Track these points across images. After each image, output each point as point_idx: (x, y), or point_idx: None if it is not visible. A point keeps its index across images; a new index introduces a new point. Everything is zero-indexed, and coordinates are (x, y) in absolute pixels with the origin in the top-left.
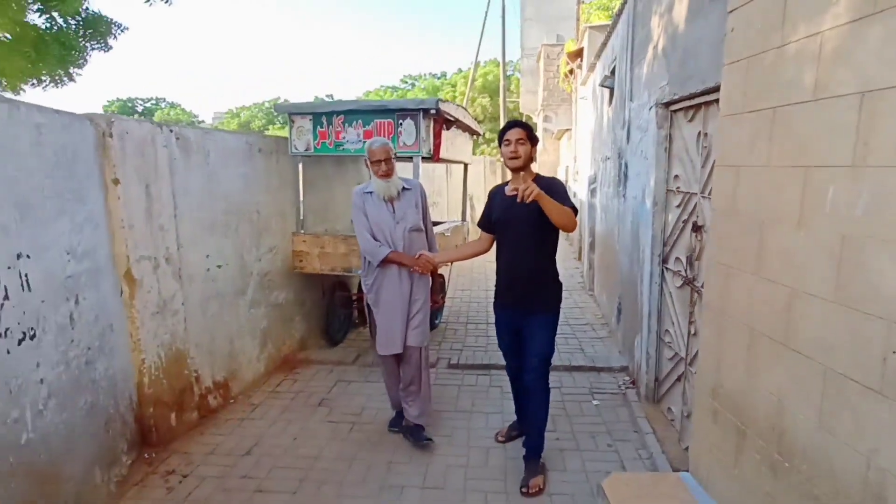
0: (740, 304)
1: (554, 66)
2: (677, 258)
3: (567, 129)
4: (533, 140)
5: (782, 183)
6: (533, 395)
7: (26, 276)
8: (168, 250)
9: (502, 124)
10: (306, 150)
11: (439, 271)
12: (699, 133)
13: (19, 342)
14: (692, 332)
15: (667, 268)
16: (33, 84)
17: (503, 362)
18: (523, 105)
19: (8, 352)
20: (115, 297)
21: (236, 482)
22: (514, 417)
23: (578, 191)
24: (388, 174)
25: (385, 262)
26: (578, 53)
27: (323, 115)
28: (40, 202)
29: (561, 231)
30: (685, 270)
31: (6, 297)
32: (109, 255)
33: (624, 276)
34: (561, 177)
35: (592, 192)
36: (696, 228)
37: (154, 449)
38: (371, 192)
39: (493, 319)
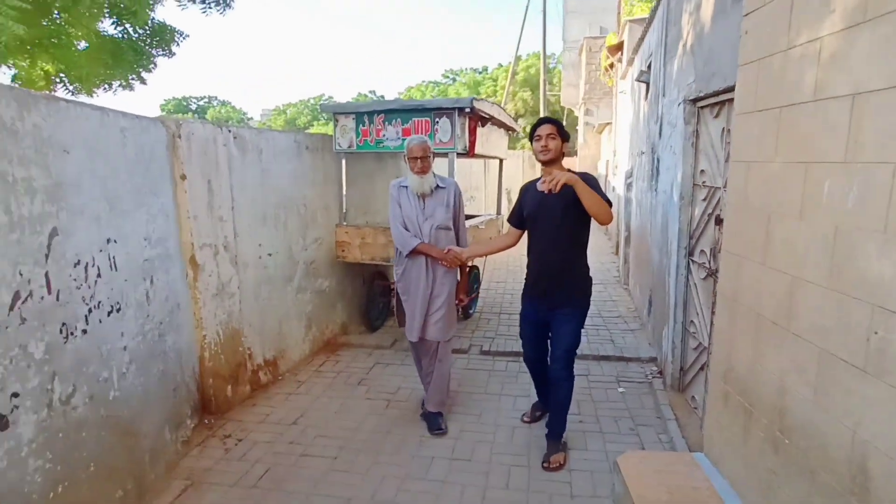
0: (749, 291)
1: (596, 59)
2: (702, 251)
3: (608, 123)
4: (563, 135)
5: (786, 178)
6: (558, 384)
7: (114, 258)
8: (226, 239)
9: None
10: (349, 147)
11: (473, 263)
12: (723, 129)
13: (108, 314)
14: (714, 322)
15: (692, 260)
16: (105, 88)
17: None
18: (564, 98)
19: (100, 321)
20: (181, 280)
21: (284, 447)
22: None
23: (617, 185)
24: (423, 171)
25: (414, 252)
26: (619, 47)
27: (365, 114)
28: (124, 196)
29: (599, 225)
30: (709, 262)
31: (99, 276)
32: (177, 243)
33: (655, 269)
34: (601, 171)
35: (629, 186)
36: (719, 221)
37: (212, 416)
38: (406, 186)
39: None
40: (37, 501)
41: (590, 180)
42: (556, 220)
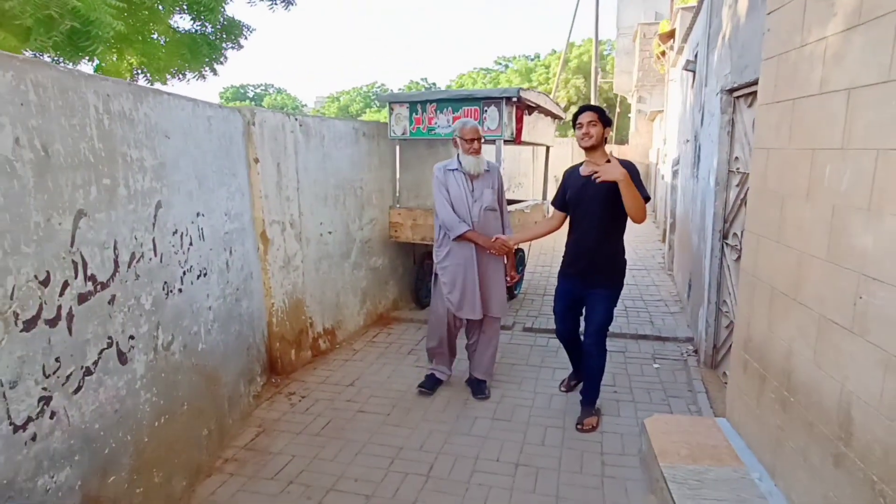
0: (766, 267)
1: (650, 46)
2: (734, 234)
3: (660, 111)
4: (605, 122)
5: (797, 162)
6: (590, 357)
7: (202, 229)
8: (292, 217)
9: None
10: (403, 134)
11: (518, 246)
12: (755, 118)
13: (198, 277)
14: None
15: (726, 243)
16: (179, 78)
17: None
18: (617, 86)
19: (192, 283)
20: (254, 252)
21: (343, 404)
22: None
23: (665, 173)
24: (478, 152)
25: (461, 238)
26: (671, 35)
27: (418, 103)
28: (210, 175)
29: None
30: (741, 245)
31: (191, 244)
32: (251, 219)
33: (694, 253)
34: (651, 159)
35: (675, 174)
36: None
37: (279, 376)
38: (454, 170)
39: None
40: (146, 427)
41: (632, 171)
42: (597, 207)
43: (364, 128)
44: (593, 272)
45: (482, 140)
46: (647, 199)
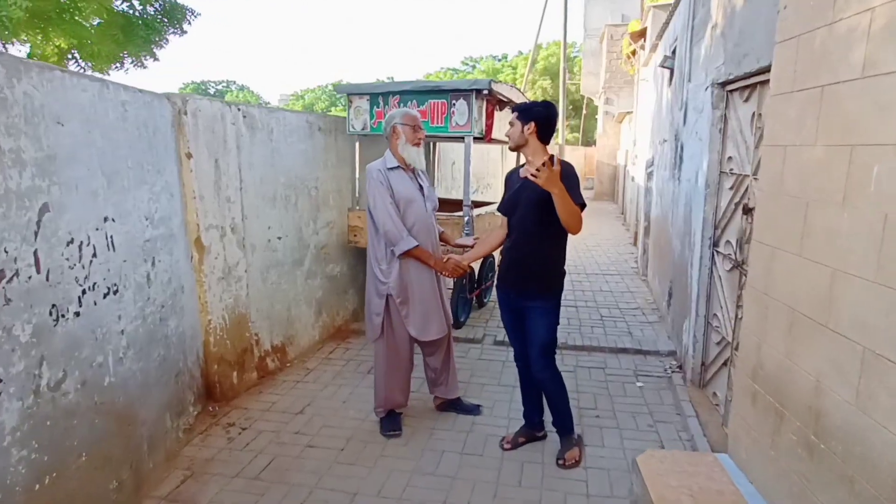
0: (783, 284)
1: (617, 47)
2: (727, 241)
3: (628, 112)
4: (524, 118)
5: (828, 162)
6: (544, 386)
7: (111, 237)
8: (234, 220)
9: (561, 107)
10: (363, 129)
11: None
12: (753, 114)
13: (104, 296)
14: (739, 316)
15: (717, 251)
16: (116, 67)
17: None
18: (584, 87)
19: (95, 303)
20: (186, 262)
21: (290, 437)
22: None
23: (637, 175)
24: (420, 144)
25: (406, 255)
26: (642, 34)
27: (380, 95)
28: (124, 172)
29: (567, 225)
30: (735, 254)
31: (94, 255)
32: (182, 223)
33: (676, 260)
34: (620, 161)
35: (649, 175)
36: (747, 211)
37: (217, 403)
38: (394, 168)
39: None
40: (20, 494)
41: (571, 175)
42: (531, 212)
43: (319, 121)
44: (528, 280)
45: None
46: (581, 206)
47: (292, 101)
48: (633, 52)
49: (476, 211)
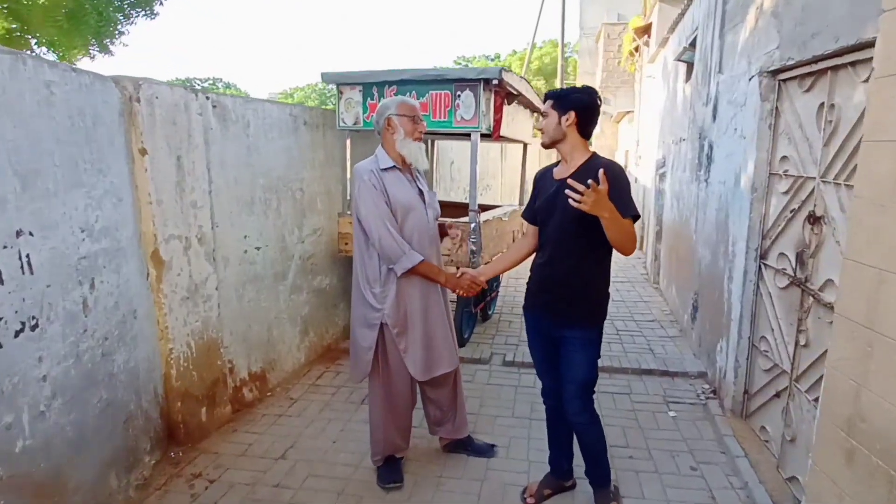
0: None
1: (614, 46)
2: (782, 254)
3: (628, 112)
4: (562, 107)
5: None
6: (578, 432)
7: (27, 256)
8: (201, 229)
9: None
10: (355, 123)
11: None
12: (822, 105)
13: (16, 333)
14: (801, 342)
15: (765, 264)
16: (81, 58)
17: None
18: None
19: (1, 346)
20: (139, 280)
21: (267, 492)
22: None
23: (640, 176)
24: (421, 137)
25: (411, 272)
26: (646, 29)
27: (374, 85)
28: (48, 172)
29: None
30: (793, 269)
31: (1, 283)
32: (135, 234)
33: (703, 270)
34: (620, 161)
35: (661, 177)
36: (815, 220)
37: (181, 447)
38: (389, 168)
39: None
40: None
41: (620, 181)
42: (571, 221)
43: (305, 115)
44: (564, 303)
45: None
46: (635, 217)
47: (281, 99)
48: (636, 49)
49: (483, 216)
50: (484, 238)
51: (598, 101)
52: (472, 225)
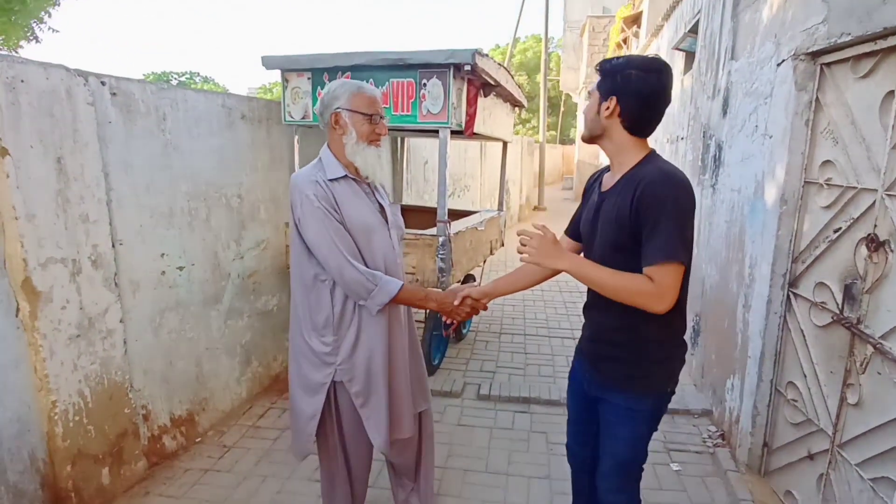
0: None
1: (599, 40)
2: (821, 283)
3: None
4: (607, 90)
5: None
6: None
7: None
8: (96, 249)
9: (542, 104)
10: (303, 117)
11: (470, 272)
12: (889, 94)
13: None
14: (849, 399)
15: (795, 293)
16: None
17: (544, 394)
18: (563, 83)
19: None
20: (4, 319)
21: None
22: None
23: None
24: (380, 142)
25: (392, 302)
26: (635, 19)
27: (325, 71)
28: None
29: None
30: (838, 305)
31: None
32: None
33: (708, 291)
34: (602, 161)
35: None
36: (876, 245)
37: None
38: (340, 178)
39: (533, 331)
40: None
41: (657, 206)
42: (611, 249)
43: (243, 106)
44: (607, 356)
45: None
46: (679, 262)
47: (260, 93)
48: (624, 41)
49: (455, 226)
50: (455, 252)
51: (664, 84)
52: (441, 239)
